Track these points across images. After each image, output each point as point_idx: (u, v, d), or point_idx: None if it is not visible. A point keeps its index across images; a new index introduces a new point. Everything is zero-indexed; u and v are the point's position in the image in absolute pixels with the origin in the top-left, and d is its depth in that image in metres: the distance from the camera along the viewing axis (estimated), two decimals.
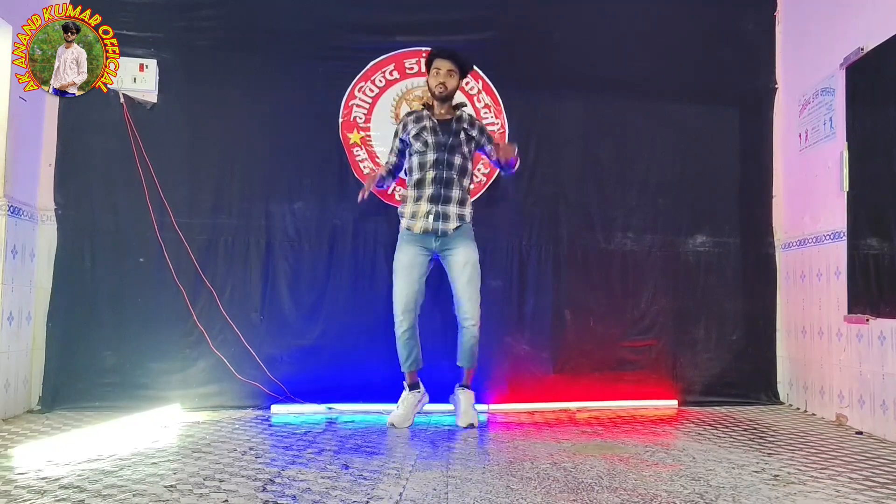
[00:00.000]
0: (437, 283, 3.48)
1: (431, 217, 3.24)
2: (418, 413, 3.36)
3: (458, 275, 3.25)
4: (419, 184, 3.29)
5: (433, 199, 3.26)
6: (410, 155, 3.34)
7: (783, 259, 4.03)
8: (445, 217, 3.26)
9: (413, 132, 3.31)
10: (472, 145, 3.37)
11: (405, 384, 3.35)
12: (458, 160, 3.29)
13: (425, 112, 3.37)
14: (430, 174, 3.26)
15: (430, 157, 3.27)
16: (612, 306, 3.90)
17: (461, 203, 3.31)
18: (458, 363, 3.34)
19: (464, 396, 3.30)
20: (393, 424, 3.19)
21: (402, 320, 3.25)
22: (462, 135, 3.31)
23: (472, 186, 3.48)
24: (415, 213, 3.27)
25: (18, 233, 3.31)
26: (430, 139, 3.28)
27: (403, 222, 3.32)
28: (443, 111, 3.36)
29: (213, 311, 3.60)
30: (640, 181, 3.98)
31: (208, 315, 3.60)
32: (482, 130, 3.40)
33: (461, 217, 3.29)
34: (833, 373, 3.48)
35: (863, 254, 3.21)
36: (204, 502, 1.96)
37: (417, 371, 3.34)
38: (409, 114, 3.45)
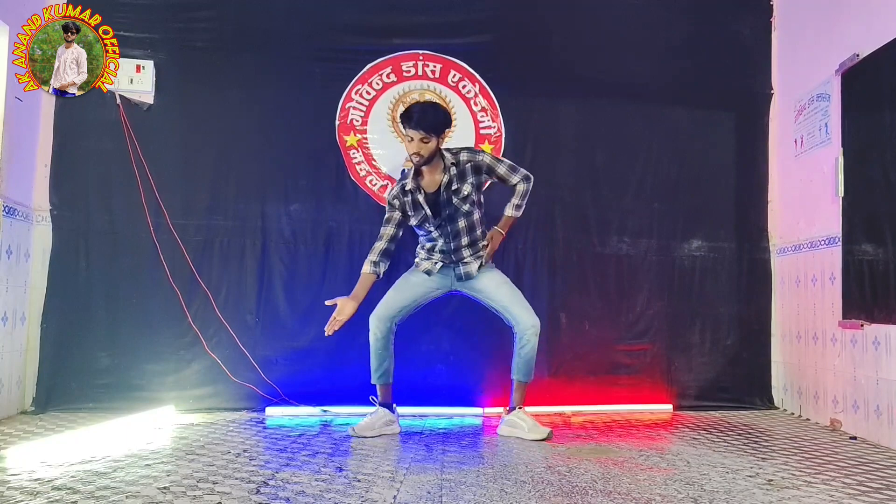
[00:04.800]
0: None
1: (440, 265, 3.13)
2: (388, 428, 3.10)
3: (495, 293, 3.10)
4: (428, 242, 3.17)
5: (444, 255, 3.13)
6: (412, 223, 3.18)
7: (778, 264, 4.03)
8: (465, 263, 3.12)
9: (414, 221, 3.12)
10: (476, 195, 3.09)
11: (376, 401, 3.15)
12: (462, 223, 3.07)
13: (419, 196, 3.05)
14: (438, 242, 3.12)
15: (434, 232, 3.11)
16: (608, 310, 3.91)
17: (474, 246, 3.12)
18: (512, 375, 3.15)
19: (522, 416, 3.08)
20: (353, 430, 2.99)
21: (375, 327, 3.08)
22: (455, 199, 3.03)
23: (484, 228, 3.18)
24: (426, 259, 3.17)
25: (13, 233, 3.30)
26: (432, 224, 3.09)
27: (417, 259, 3.22)
28: (432, 178, 3.06)
29: (208, 313, 3.59)
30: (636, 185, 3.98)
31: (203, 316, 3.59)
32: (477, 170, 3.06)
33: (479, 257, 3.14)
34: (827, 378, 3.49)
35: (857, 259, 3.22)
36: None
37: (389, 386, 3.15)
38: (403, 192, 3.09)
